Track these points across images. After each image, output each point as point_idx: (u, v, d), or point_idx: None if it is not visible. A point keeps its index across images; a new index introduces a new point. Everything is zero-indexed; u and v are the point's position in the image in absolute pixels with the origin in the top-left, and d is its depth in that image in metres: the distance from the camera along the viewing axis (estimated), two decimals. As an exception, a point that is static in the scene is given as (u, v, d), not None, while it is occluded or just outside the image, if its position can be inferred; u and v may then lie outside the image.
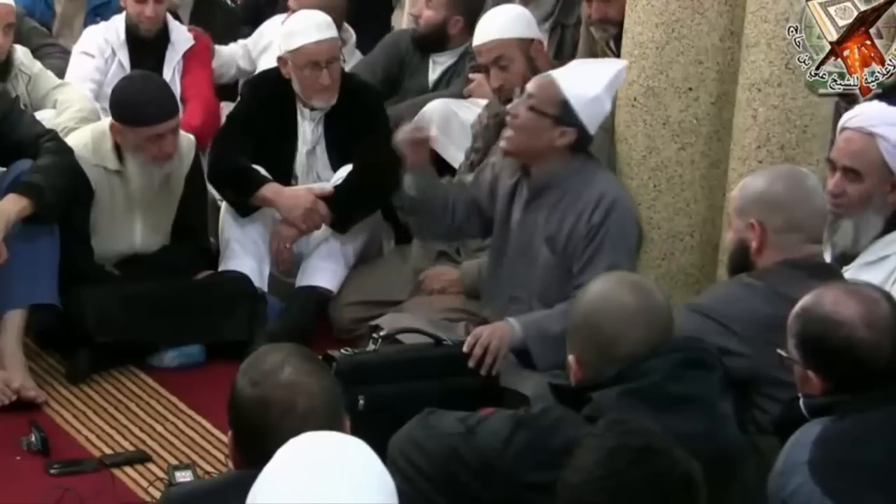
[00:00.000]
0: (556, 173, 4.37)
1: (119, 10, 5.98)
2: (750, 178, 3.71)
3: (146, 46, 5.74)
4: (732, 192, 3.74)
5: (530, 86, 4.39)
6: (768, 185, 3.59)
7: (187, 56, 5.84)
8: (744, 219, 3.56)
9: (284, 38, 5.35)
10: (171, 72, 5.75)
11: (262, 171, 5.30)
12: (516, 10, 5.20)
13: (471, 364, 4.12)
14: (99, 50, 5.76)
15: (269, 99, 5.38)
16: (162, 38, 5.81)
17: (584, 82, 4.35)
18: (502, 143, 4.43)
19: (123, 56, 5.77)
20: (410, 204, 4.65)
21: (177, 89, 5.67)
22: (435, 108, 5.55)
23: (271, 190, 5.25)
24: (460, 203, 4.62)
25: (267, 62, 5.84)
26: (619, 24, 4.98)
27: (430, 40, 5.89)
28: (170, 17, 5.90)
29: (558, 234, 4.35)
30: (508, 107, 4.40)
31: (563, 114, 4.31)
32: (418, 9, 5.92)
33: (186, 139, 5.10)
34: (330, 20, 5.39)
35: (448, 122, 5.49)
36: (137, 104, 4.88)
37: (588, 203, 4.31)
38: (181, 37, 5.86)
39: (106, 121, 5.05)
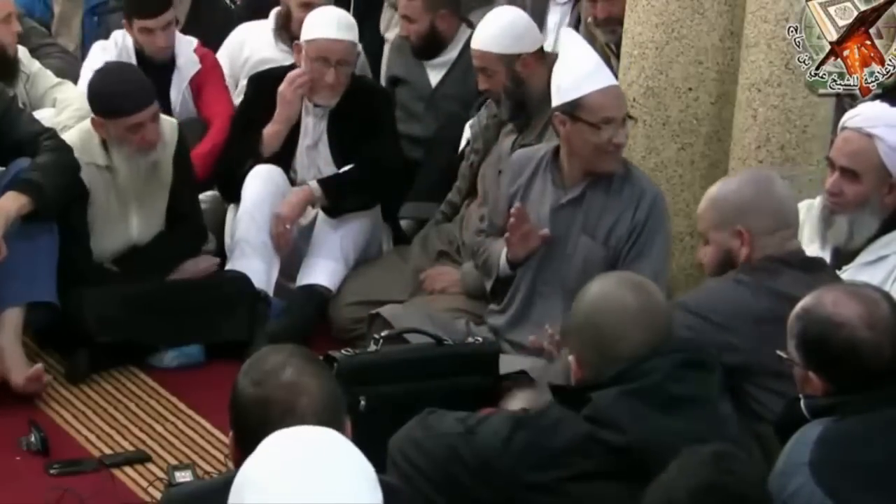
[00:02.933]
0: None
1: (114, 11, 5.96)
2: (715, 191, 3.71)
3: (155, 70, 5.63)
4: (700, 208, 3.72)
5: (621, 107, 4.37)
6: (741, 192, 3.62)
7: (197, 80, 5.76)
8: (726, 229, 3.59)
9: (306, 27, 5.36)
10: (179, 95, 5.70)
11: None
12: (505, 21, 5.08)
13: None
14: None
15: (272, 93, 5.38)
16: (169, 62, 5.72)
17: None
18: (617, 166, 4.41)
19: None
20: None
21: (189, 112, 5.65)
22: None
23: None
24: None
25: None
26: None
27: (429, 48, 5.86)
28: (177, 37, 5.79)
29: (598, 226, 4.40)
30: (617, 141, 4.34)
31: None
32: (403, 29, 5.86)
33: (169, 123, 5.07)
34: (354, 22, 5.39)
35: None
36: (114, 96, 4.86)
37: (630, 201, 4.39)
38: (187, 60, 5.76)
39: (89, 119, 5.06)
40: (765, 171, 3.80)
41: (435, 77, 5.89)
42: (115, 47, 5.72)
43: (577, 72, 4.36)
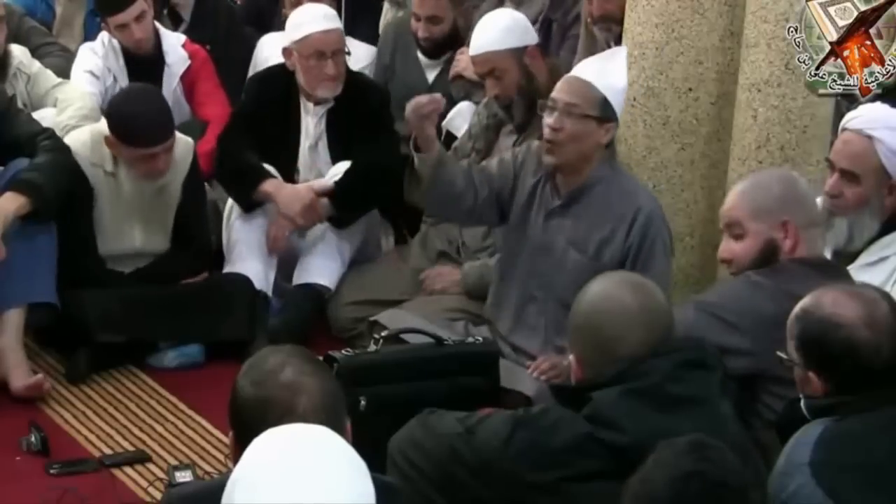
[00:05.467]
0: (588, 180, 4.36)
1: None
2: (751, 182, 3.69)
3: (145, 69, 5.62)
4: (732, 199, 3.69)
5: (565, 94, 4.30)
6: (780, 185, 3.61)
7: (188, 76, 5.75)
8: (768, 220, 3.55)
9: (290, 29, 5.35)
10: (171, 92, 5.66)
11: (269, 167, 5.31)
12: (507, 19, 5.11)
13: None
14: (102, 74, 5.70)
15: (273, 94, 5.39)
16: (158, 60, 5.72)
17: (613, 75, 4.36)
18: (549, 159, 4.33)
19: (124, 81, 5.67)
20: (424, 181, 4.51)
21: (182, 110, 5.65)
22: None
23: (272, 185, 5.26)
24: (484, 188, 4.52)
25: None
26: (622, 23, 4.97)
27: (445, 47, 5.86)
28: (164, 33, 5.80)
29: (588, 239, 4.34)
30: (548, 122, 4.29)
31: (604, 111, 4.31)
32: (424, 31, 5.85)
33: (183, 142, 5.06)
34: (335, 13, 5.40)
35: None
36: (135, 125, 4.83)
37: (624, 217, 4.31)
38: (177, 57, 5.75)
39: (105, 123, 5.04)
40: (793, 174, 3.79)
41: (431, 73, 5.89)
42: (102, 48, 5.72)
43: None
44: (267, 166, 5.31)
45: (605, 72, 4.35)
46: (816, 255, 3.59)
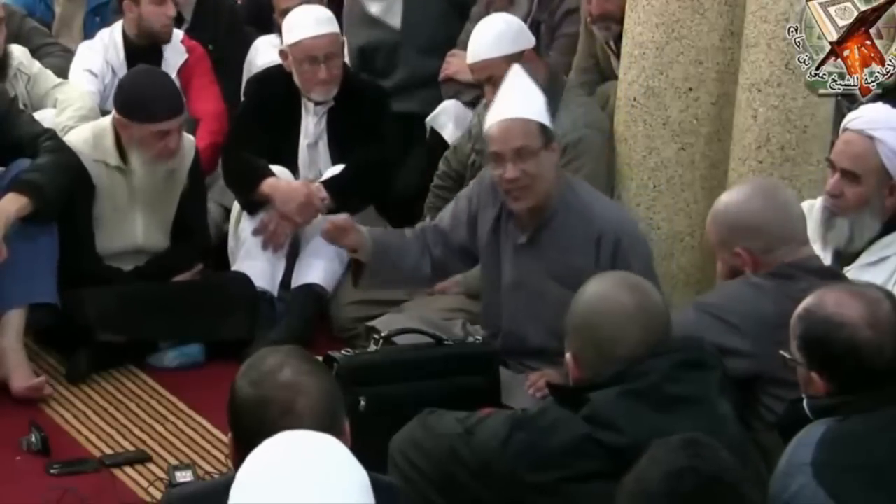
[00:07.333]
0: (550, 211, 4.28)
1: (118, 11, 5.94)
2: (716, 208, 3.69)
3: (142, 62, 5.53)
4: (708, 223, 3.71)
5: (509, 141, 4.18)
6: (743, 209, 3.60)
7: (185, 71, 5.73)
8: (727, 250, 3.59)
9: (285, 31, 5.39)
10: None
11: (274, 167, 5.32)
12: (501, 25, 5.08)
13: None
14: (101, 72, 5.71)
15: (273, 94, 5.41)
16: (156, 53, 5.71)
17: (531, 98, 4.25)
18: (520, 205, 4.24)
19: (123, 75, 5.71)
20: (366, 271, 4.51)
21: None
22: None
23: (268, 185, 5.26)
24: (437, 248, 4.49)
25: None
26: (621, 22, 4.97)
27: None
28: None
29: (565, 269, 4.22)
30: (507, 176, 4.19)
31: (546, 134, 4.22)
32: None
33: (187, 138, 5.10)
34: (331, 15, 5.43)
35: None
36: (145, 100, 4.86)
37: (588, 242, 4.23)
38: (174, 51, 5.75)
39: (107, 118, 5.04)
40: (766, 183, 3.78)
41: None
42: (101, 44, 5.72)
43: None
44: (273, 167, 5.32)
45: (524, 100, 4.24)
46: (805, 258, 3.58)
